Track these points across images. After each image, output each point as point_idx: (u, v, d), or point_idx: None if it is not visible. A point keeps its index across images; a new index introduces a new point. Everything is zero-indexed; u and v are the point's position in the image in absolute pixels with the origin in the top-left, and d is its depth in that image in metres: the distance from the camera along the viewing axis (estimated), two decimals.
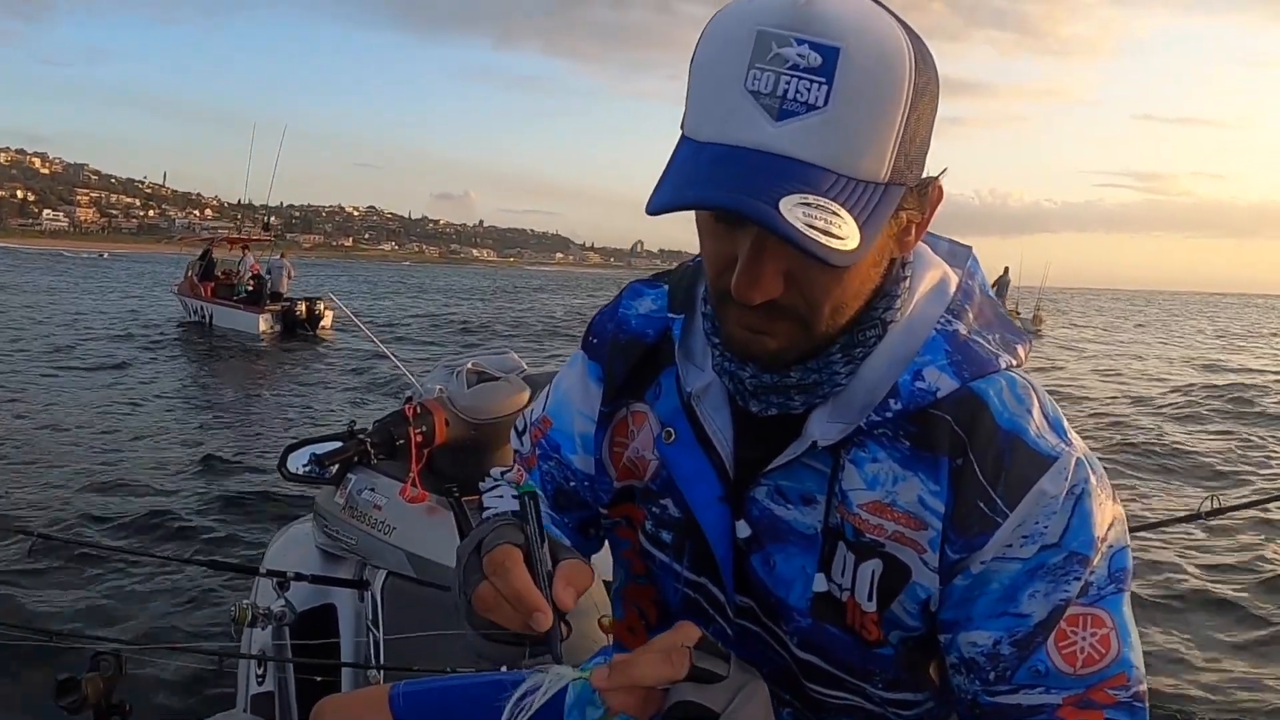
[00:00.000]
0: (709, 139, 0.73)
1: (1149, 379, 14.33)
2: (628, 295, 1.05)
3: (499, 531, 0.83)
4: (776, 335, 0.81)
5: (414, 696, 1.19)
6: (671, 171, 0.74)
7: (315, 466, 2.25)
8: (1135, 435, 8.54)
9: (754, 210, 0.68)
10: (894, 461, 0.85)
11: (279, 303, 20.15)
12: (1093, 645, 0.81)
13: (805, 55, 0.69)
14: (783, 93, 0.70)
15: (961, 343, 0.85)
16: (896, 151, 0.73)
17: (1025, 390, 0.85)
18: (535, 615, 0.76)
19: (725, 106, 0.72)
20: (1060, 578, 0.81)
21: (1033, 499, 0.80)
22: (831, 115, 0.70)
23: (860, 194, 0.71)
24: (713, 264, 0.82)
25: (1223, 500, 2.52)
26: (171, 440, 8.12)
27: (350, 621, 2.26)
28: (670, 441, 0.94)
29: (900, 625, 0.87)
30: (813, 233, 0.68)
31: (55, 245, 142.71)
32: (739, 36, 0.71)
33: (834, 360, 0.84)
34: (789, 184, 0.69)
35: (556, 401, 1.10)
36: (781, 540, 0.89)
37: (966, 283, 0.90)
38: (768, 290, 0.77)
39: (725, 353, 0.87)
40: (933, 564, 0.84)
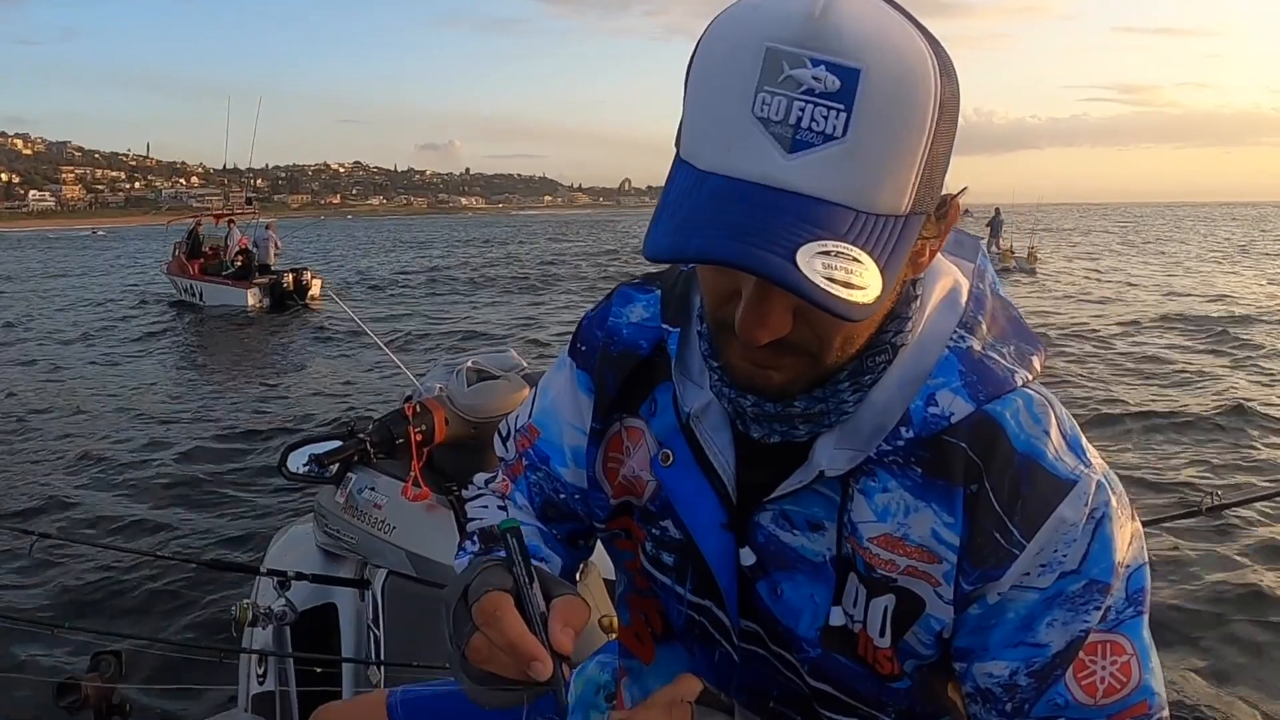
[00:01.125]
0: (710, 168, 0.65)
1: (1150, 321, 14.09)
2: (617, 301, 0.99)
3: (484, 577, 0.78)
4: (782, 369, 0.75)
5: (412, 703, 1.18)
6: (669, 206, 0.67)
7: (315, 466, 2.24)
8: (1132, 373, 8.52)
9: (768, 267, 0.61)
10: (905, 490, 0.80)
11: (267, 275, 20.38)
12: (1113, 675, 0.78)
13: (822, 78, 0.62)
14: (796, 120, 0.62)
15: (975, 361, 0.79)
16: (920, 180, 0.66)
17: (1043, 409, 0.80)
18: (534, 665, 0.72)
19: (730, 133, 0.64)
20: (1080, 606, 0.77)
21: (1051, 527, 0.77)
22: (851, 146, 0.62)
23: (881, 231, 0.65)
24: (712, 295, 0.76)
25: (1223, 497, 2.52)
26: (172, 437, 8.12)
27: (351, 620, 2.26)
28: (668, 464, 0.89)
29: (915, 655, 0.84)
30: (833, 287, 0.62)
31: (44, 226, 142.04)
32: (746, 52, 0.64)
33: (841, 389, 0.78)
34: (806, 229, 0.62)
35: (544, 410, 1.04)
36: (789, 568, 0.85)
37: (978, 287, 0.84)
38: (776, 329, 0.71)
39: (725, 379, 0.81)
40: (947, 596, 0.80)
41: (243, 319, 17.91)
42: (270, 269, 21.08)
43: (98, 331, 16.68)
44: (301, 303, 19.41)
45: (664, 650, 0.99)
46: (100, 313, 20.05)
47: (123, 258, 44.33)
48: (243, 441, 7.86)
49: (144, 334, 16.27)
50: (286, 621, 2.15)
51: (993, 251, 25.22)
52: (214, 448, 7.67)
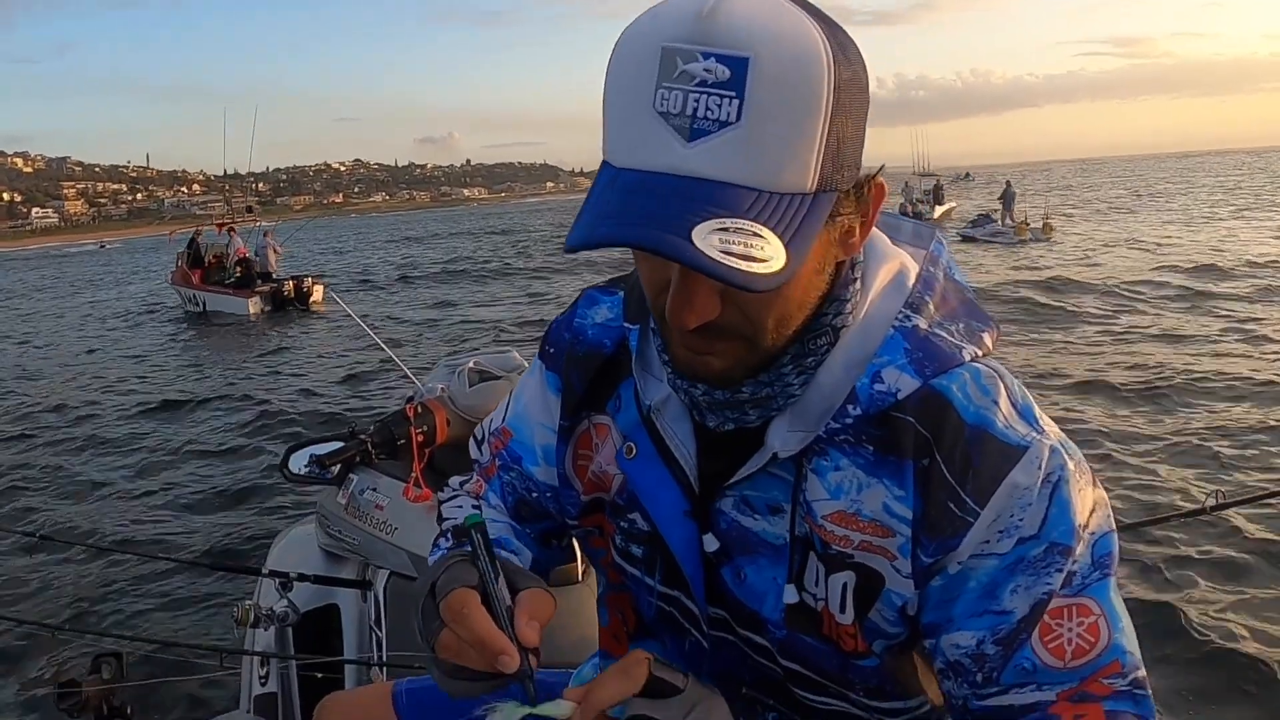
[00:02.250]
0: (624, 164, 0.70)
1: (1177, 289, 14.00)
2: (583, 303, 1.02)
3: (451, 573, 0.80)
4: (721, 355, 0.78)
5: (417, 694, 1.19)
6: (589, 202, 0.71)
7: (317, 467, 2.24)
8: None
9: (664, 245, 0.65)
10: (857, 468, 0.82)
11: (268, 283, 20.63)
12: (1080, 635, 0.78)
13: (712, 69, 0.66)
14: (692, 111, 0.66)
15: (921, 338, 0.81)
16: (822, 158, 0.69)
17: (991, 379, 0.82)
18: (501, 659, 0.75)
19: (636, 130, 0.69)
20: (1041, 570, 0.78)
21: (1005, 493, 0.78)
22: (745, 130, 0.66)
23: (784, 209, 0.68)
24: (649, 287, 0.79)
25: (1226, 496, 2.52)
26: (174, 440, 8.12)
27: (353, 622, 2.25)
28: (631, 456, 0.91)
29: (882, 634, 0.85)
30: (730, 260, 0.65)
31: (48, 243, 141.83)
32: (645, 55, 0.68)
33: (785, 372, 0.81)
34: (703, 209, 0.66)
35: (516, 413, 1.08)
36: (751, 552, 0.87)
37: (928, 270, 0.86)
38: (703, 313, 0.74)
39: (675, 371, 0.85)
40: (905, 570, 0.81)
41: (246, 325, 18.00)
42: (271, 276, 21.32)
43: (105, 341, 16.75)
44: (304, 308, 19.62)
45: (638, 646, 1.00)
46: (110, 324, 20.16)
47: (136, 270, 44.51)
48: (244, 443, 7.87)
49: (148, 341, 16.33)
50: (288, 623, 2.15)
51: (1007, 224, 25.26)
52: (216, 449, 7.67)
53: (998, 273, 16.08)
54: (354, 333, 12.85)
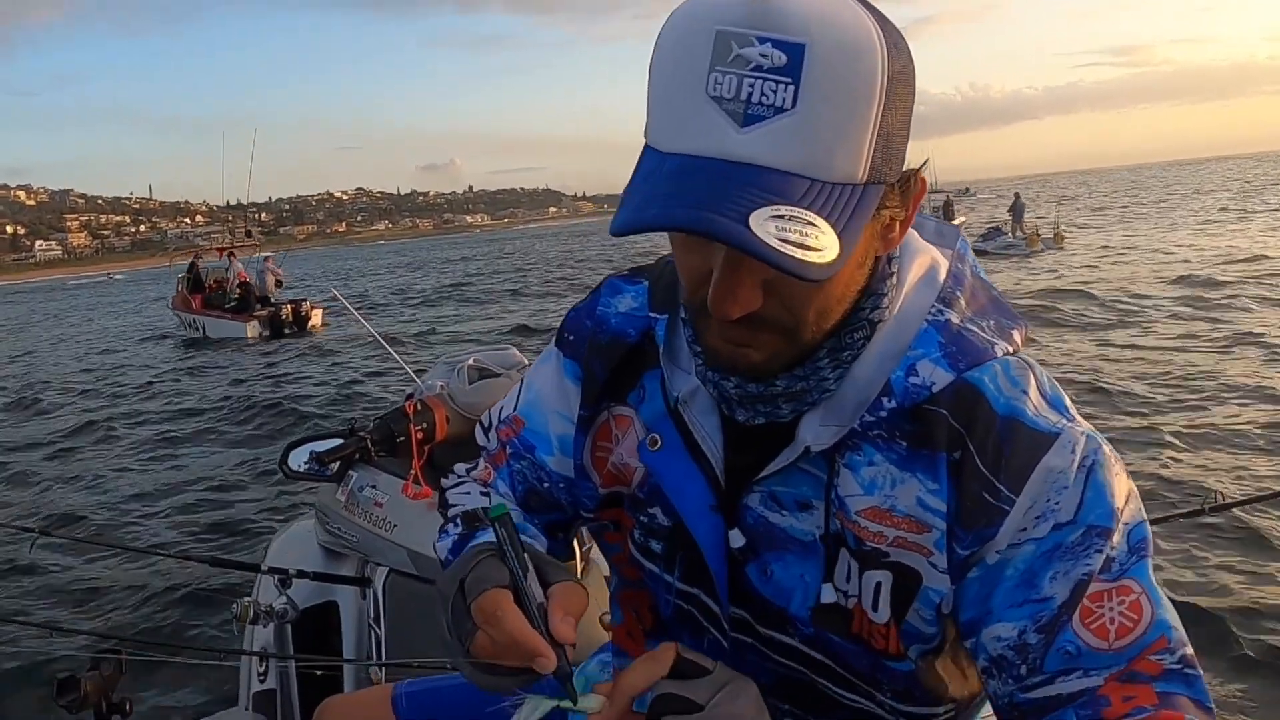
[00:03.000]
0: (671, 149, 0.68)
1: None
2: (606, 292, 1.00)
3: (479, 571, 0.78)
4: (760, 347, 0.77)
5: (416, 696, 1.18)
6: (634, 186, 0.70)
7: (316, 464, 2.24)
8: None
9: (722, 230, 0.64)
10: (890, 464, 0.81)
11: (266, 308, 20.95)
12: (1123, 614, 0.75)
13: (769, 55, 0.65)
14: (747, 96, 0.65)
15: (955, 333, 0.81)
16: (873, 149, 0.68)
17: (1021, 371, 0.81)
18: (538, 660, 0.73)
19: (687, 113, 0.67)
20: (1080, 554, 0.76)
21: (1040, 478, 0.76)
22: (801, 117, 0.65)
23: (837, 198, 0.67)
24: (687, 277, 0.77)
25: (1226, 496, 2.51)
26: (172, 437, 8.12)
27: (352, 619, 2.25)
28: (656, 448, 0.90)
29: (919, 636, 0.83)
30: (787, 248, 0.64)
31: (51, 275, 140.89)
32: (697, 38, 0.67)
33: (821, 366, 0.80)
34: (759, 195, 0.65)
35: (529, 401, 1.05)
36: (778, 549, 0.86)
37: (957, 267, 0.86)
38: (746, 304, 0.73)
39: (707, 362, 0.83)
40: (941, 565, 0.80)
41: (244, 348, 18.05)
42: (270, 301, 21.63)
43: (107, 355, 16.78)
44: (302, 333, 19.81)
45: (654, 644, 0.99)
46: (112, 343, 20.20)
47: (145, 301, 44.64)
48: (244, 440, 7.87)
49: (147, 354, 16.32)
50: (288, 620, 2.15)
51: (1018, 236, 25.21)
52: (215, 446, 7.67)
53: (1015, 285, 16.07)
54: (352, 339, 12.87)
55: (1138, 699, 0.73)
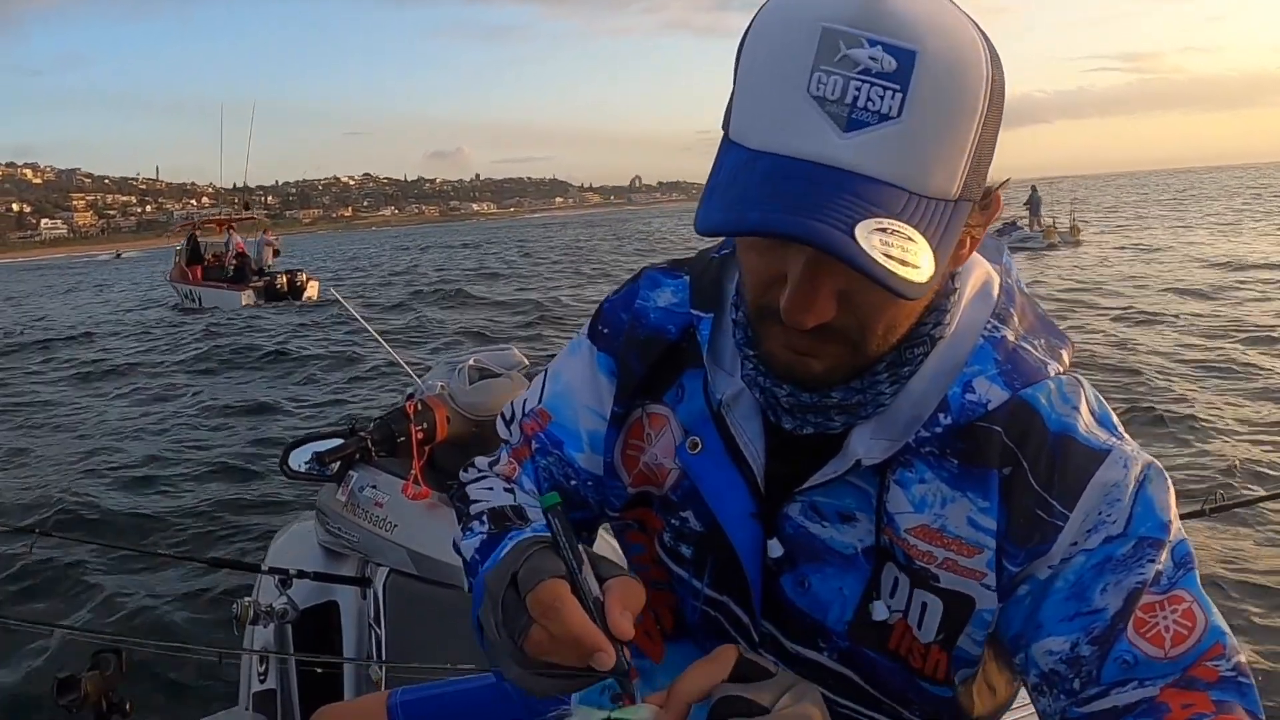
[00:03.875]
0: (763, 147, 0.65)
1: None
2: (645, 284, 0.97)
3: (533, 563, 0.75)
4: (823, 357, 0.75)
5: (412, 705, 1.17)
6: (722, 184, 0.67)
7: (317, 464, 2.24)
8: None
9: (830, 241, 0.61)
10: (942, 482, 0.80)
11: (262, 278, 21.54)
12: (1177, 622, 0.73)
13: (879, 58, 0.62)
14: (852, 100, 0.63)
15: (1011, 351, 0.80)
16: (970, 165, 0.67)
17: (1073, 389, 0.81)
18: (598, 656, 0.69)
19: (784, 112, 0.64)
20: (1132, 566, 0.74)
21: (1094, 492, 0.76)
22: (906, 127, 0.63)
23: (933, 214, 0.65)
24: (756, 278, 0.75)
25: (1227, 495, 2.51)
26: (172, 436, 8.12)
27: (352, 619, 2.25)
28: (696, 451, 0.87)
29: (967, 660, 0.82)
30: (891, 263, 0.62)
31: (56, 254, 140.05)
32: (801, 33, 0.64)
33: (879, 380, 0.78)
34: (861, 205, 0.62)
35: (556, 394, 1.00)
36: (818, 560, 0.84)
37: (1006, 282, 0.84)
38: (822, 314, 0.70)
39: (761, 368, 0.81)
40: (993, 584, 0.79)
41: (240, 320, 18.18)
42: (266, 271, 22.21)
43: (101, 338, 16.76)
44: (297, 302, 20.03)
45: (674, 648, 0.97)
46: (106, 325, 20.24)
47: (151, 276, 44.67)
48: (244, 440, 7.86)
49: (144, 339, 16.34)
50: (288, 619, 2.15)
51: (1035, 230, 25.16)
52: (215, 446, 7.67)
53: (1038, 277, 16.12)
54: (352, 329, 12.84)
55: (1195, 706, 0.71)
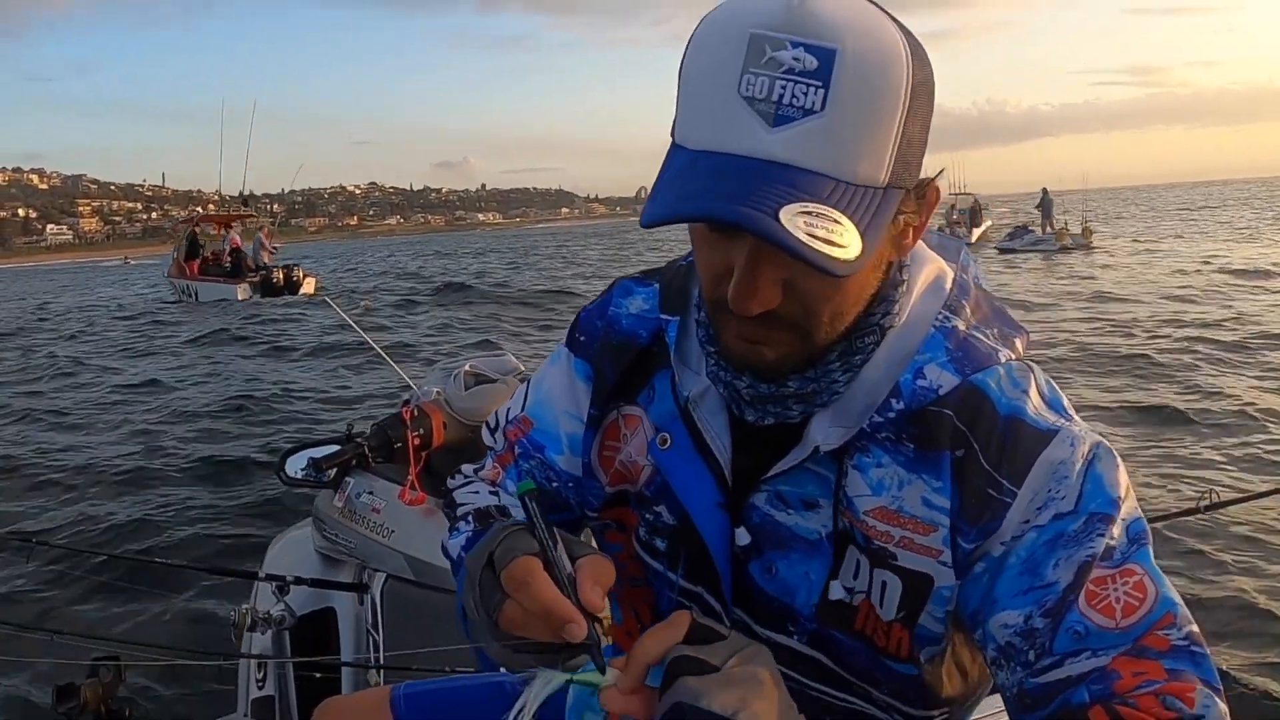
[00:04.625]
0: (703, 147, 0.71)
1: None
2: (618, 293, 1.02)
3: (509, 542, 0.79)
4: (774, 345, 0.79)
5: (416, 698, 1.18)
6: (666, 182, 0.73)
7: (313, 470, 2.25)
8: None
9: (755, 223, 0.66)
10: (899, 465, 0.83)
11: (259, 273, 21.98)
12: (1128, 593, 0.76)
13: (801, 58, 0.68)
14: (778, 98, 0.68)
15: (961, 339, 0.84)
16: (895, 154, 0.71)
17: (1023, 374, 0.84)
18: (569, 628, 0.73)
19: (719, 113, 0.70)
20: (1083, 540, 0.77)
21: (1041, 470, 0.79)
22: (829, 120, 0.68)
23: (860, 200, 0.70)
24: (708, 273, 0.80)
25: (1220, 495, 2.52)
26: (168, 444, 8.11)
27: (350, 625, 2.25)
28: (666, 447, 0.92)
29: (930, 638, 0.85)
30: (815, 242, 0.67)
31: (61, 259, 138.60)
32: (731, 40, 0.70)
33: (832, 369, 0.82)
34: (788, 192, 0.67)
35: (538, 401, 1.06)
36: (784, 547, 0.87)
37: (961, 277, 0.89)
38: (766, 301, 0.75)
39: (720, 362, 0.85)
40: (949, 561, 0.82)
41: (235, 315, 18.27)
42: (262, 266, 22.53)
43: (100, 341, 16.75)
44: (293, 296, 20.21)
45: None
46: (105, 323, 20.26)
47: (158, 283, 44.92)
48: (240, 447, 7.85)
49: (141, 341, 16.32)
50: (285, 626, 2.15)
51: (1047, 232, 25.08)
52: (211, 453, 7.66)
53: (1050, 280, 16.11)
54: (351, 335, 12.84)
55: (1147, 674, 0.73)
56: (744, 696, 0.67)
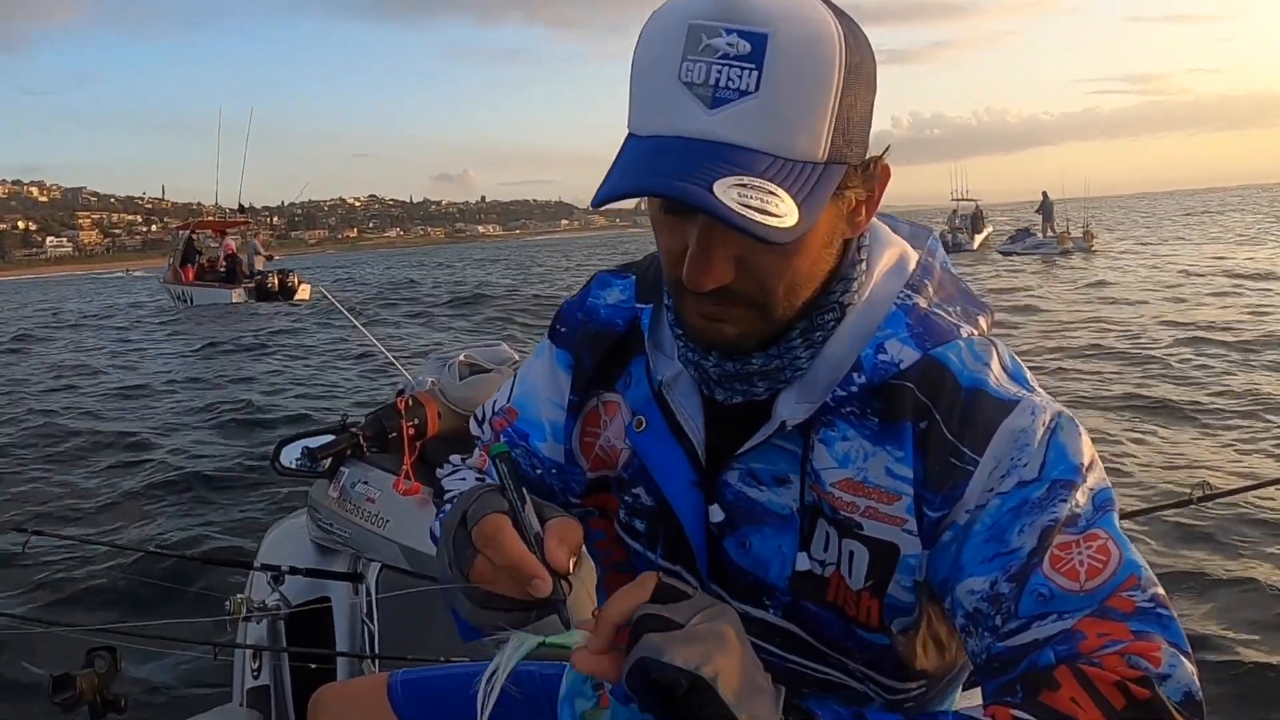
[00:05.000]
0: (649, 132, 0.76)
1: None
2: (596, 285, 1.06)
3: (481, 501, 0.83)
4: (733, 322, 0.83)
5: (412, 685, 1.19)
6: (616, 167, 0.77)
7: (308, 460, 2.24)
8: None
9: (688, 194, 0.70)
10: (864, 439, 0.86)
11: (254, 279, 22.51)
12: (1091, 556, 0.78)
13: (734, 44, 0.72)
14: (715, 81, 0.72)
15: (922, 315, 0.86)
16: (833, 130, 0.75)
17: (984, 347, 0.87)
18: (534, 582, 0.77)
19: (662, 100, 0.74)
20: (1046, 506, 0.79)
21: (1002, 438, 0.81)
22: (764, 99, 0.72)
23: (798, 174, 0.74)
24: (667, 256, 0.83)
25: (1213, 487, 2.52)
26: (164, 434, 8.10)
27: (345, 614, 2.26)
28: (641, 429, 0.94)
29: (900, 608, 0.87)
30: (748, 211, 0.70)
31: (60, 271, 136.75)
32: (671, 32, 0.74)
33: (794, 345, 0.85)
34: (724, 167, 0.71)
35: (522, 393, 1.10)
36: (756, 522, 0.90)
37: (927, 260, 0.91)
38: (718, 276, 0.79)
39: (688, 343, 0.89)
40: (914, 530, 0.84)
41: (232, 316, 18.36)
42: (257, 272, 23.12)
43: (99, 341, 16.76)
44: (287, 302, 20.54)
45: None
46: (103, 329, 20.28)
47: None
48: (235, 437, 7.85)
49: (138, 339, 16.33)
50: (280, 616, 2.16)
51: (1048, 235, 25.02)
52: (206, 443, 7.66)
53: (1048, 282, 16.11)
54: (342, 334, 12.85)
55: (1112, 635, 0.75)
56: (707, 651, 0.68)
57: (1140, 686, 0.71)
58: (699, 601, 0.74)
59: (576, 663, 0.75)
